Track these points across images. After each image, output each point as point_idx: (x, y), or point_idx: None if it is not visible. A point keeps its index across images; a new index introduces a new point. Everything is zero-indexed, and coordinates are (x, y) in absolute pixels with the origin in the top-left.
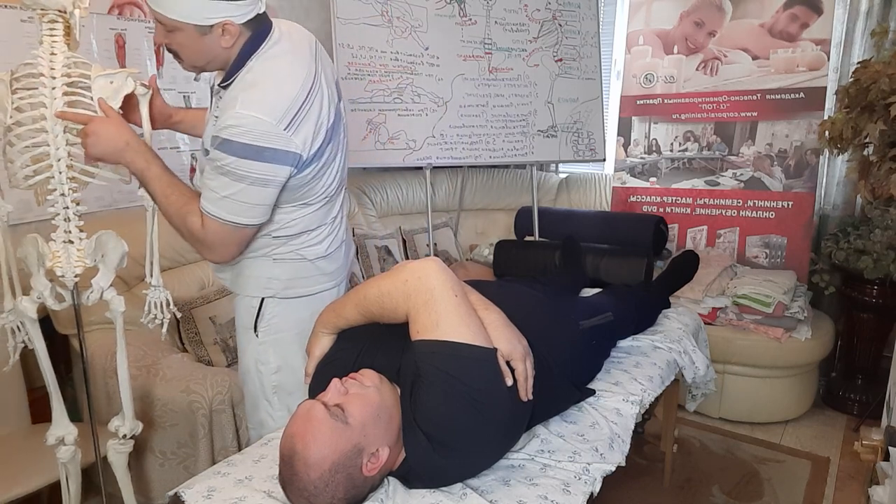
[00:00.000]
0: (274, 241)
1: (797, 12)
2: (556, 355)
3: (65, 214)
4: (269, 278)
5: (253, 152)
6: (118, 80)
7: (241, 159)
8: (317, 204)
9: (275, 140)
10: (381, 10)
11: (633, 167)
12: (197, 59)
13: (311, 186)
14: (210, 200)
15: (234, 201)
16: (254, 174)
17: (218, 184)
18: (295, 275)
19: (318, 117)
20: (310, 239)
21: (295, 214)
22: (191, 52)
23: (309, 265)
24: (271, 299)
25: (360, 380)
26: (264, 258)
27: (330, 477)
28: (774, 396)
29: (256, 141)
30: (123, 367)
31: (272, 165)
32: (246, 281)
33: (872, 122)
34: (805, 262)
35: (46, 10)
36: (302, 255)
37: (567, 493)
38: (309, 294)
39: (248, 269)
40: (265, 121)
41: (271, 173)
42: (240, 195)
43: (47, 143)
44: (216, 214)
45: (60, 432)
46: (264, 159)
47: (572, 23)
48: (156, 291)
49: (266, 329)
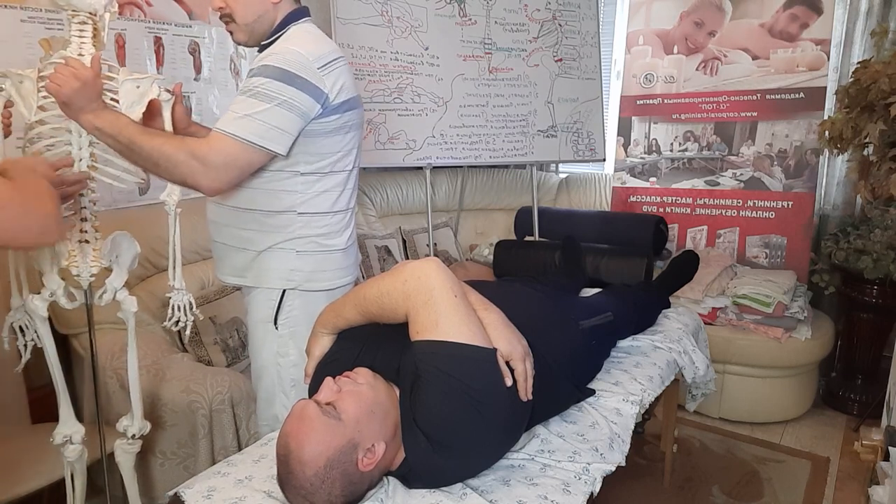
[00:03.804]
0: (298, 219)
1: (797, 12)
2: (555, 355)
3: (81, 214)
4: (292, 270)
5: (287, 77)
6: (144, 84)
7: (274, 80)
8: (337, 177)
9: (308, 73)
10: (380, 10)
11: (633, 167)
12: (248, 13)
13: (329, 145)
14: (228, 121)
15: (256, 120)
16: (282, 96)
17: (243, 105)
18: (317, 267)
19: (345, 77)
20: (332, 225)
21: (317, 186)
22: (245, 6)
23: (329, 258)
24: (293, 291)
25: (353, 378)
26: (289, 251)
27: (325, 474)
28: (774, 396)
29: (291, 67)
30: (134, 367)
31: (301, 93)
32: (267, 274)
33: (872, 122)
34: (805, 262)
35: (77, 12)
36: (324, 246)
37: (567, 493)
38: (329, 288)
39: (272, 261)
40: (303, 54)
41: (298, 100)
42: (263, 115)
43: (68, 143)
44: (231, 131)
45: (68, 431)
46: (296, 85)
47: (572, 23)
48: (179, 294)
49: (286, 322)
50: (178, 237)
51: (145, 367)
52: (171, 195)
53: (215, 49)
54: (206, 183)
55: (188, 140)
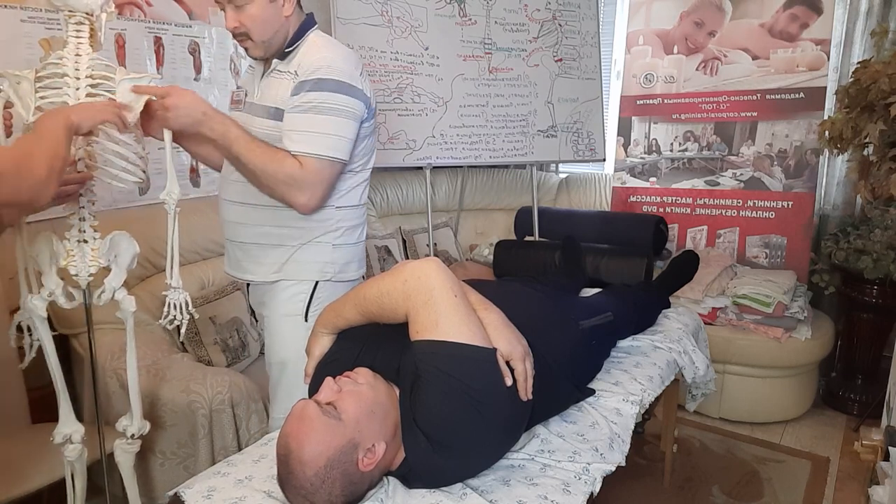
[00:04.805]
0: (337, 213)
1: (797, 12)
2: (555, 355)
3: (80, 214)
4: (327, 262)
5: (345, 88)
6: (141, 83)
7: (336, 94)
8: (363, 174)
9: (356, 80)
10: (380, 10)
11: (632, 167)
12: (265, 31)
13: (364, 146)
14: (305, 141)
15: (329, 136)
16: (345, 108)
17: (311, 122)
18: (349, 258)
19: (370, 85)
20: (358, 217)
21: (349, 182)
22: (261, 23)
23: (355, 249)
24: (326, 283)
25: (353, 377)
26: (325, 244)
27: (326, 473)
28: (774, 396)
29: (344, 77)
30: (133, 367)
31: (357, 101)
32: (302, 266)
33: (872, 122)
34: (805, 262)
35: (74, 12)
36: (353, 238)
37: (567, 493)
38: (355, 278)
39: (310, 254)
40: (347, 62)
41: (356, 108)
42: (334, 129)
43: None
44: (314, 151)
45: (67, 430)
46: (352, 95)
47: (572, 23)
48: (175, 293)
49: (316, 313)
50: (176, 236)
51: (145, 367)
52: (171, 194)
53: (215, 49)
54: (303, 201)
55: (286, 163)
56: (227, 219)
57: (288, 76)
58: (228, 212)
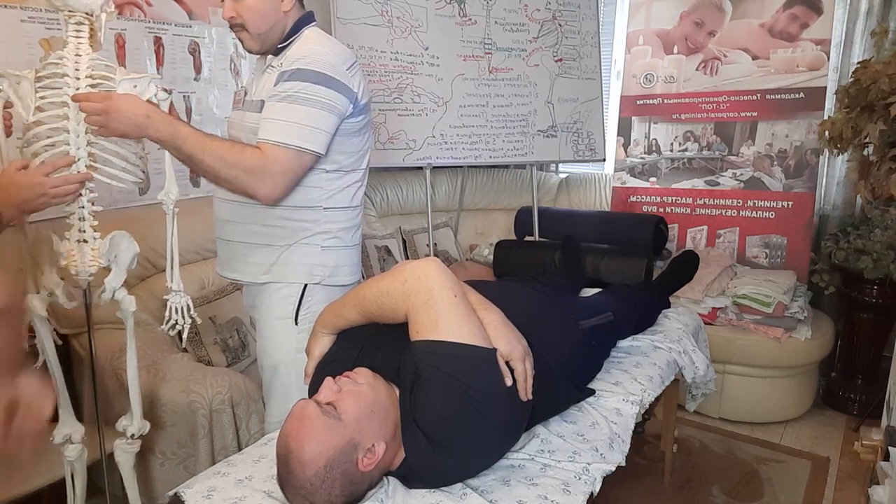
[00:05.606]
0: (325, 214)
1: (797, 12)
2: (555, 355)
3: (80, 214)
4: (315, 265)
5: (324, 79)
6: (142, 84)
7: (314, 84)
8: (356, 174)
9: (340, 74)
10: (380, 10)
11: (632, 167)
12: (261, 24)
13: (353, 144)
14: (274, 130)
15: (301, 126)
16: (323, 99)
17: (285, 112)
18: (339, 262)
19: (363, 81)
20: (350, 220)
21: (339, 183)
22: (257, 16)
23: (347, 253)
24: (315, 286)
25: (353, 377)
26: (313, 246)
27: (326, 473)
28: (774, 396)
29: (326, 70)
30: (133, 366)
31: (338, 94)
32: (291, 269)
33: (872, 122)
34: (805, 262)
35: (74, 12)
36: (344, 241)
37: (567, 493)
38: (348, 283)
39: (297, 256)
40: (333, 56)
41: (336, 101)
42: (307, 119)
43: (66, 143)
44: (281, 140)
45: (68, 430)
46: (332, 87)
47: (572, 23)
48: (177, 296)
49: (306, 317)
50: (175, 237)
51: (145, 367)
52: (169, 195)
53: (215, 49)
54: (265, 192)
55: (245, 153)
56: (218, 216)
57: (277, 70)
58: (219, 209)
